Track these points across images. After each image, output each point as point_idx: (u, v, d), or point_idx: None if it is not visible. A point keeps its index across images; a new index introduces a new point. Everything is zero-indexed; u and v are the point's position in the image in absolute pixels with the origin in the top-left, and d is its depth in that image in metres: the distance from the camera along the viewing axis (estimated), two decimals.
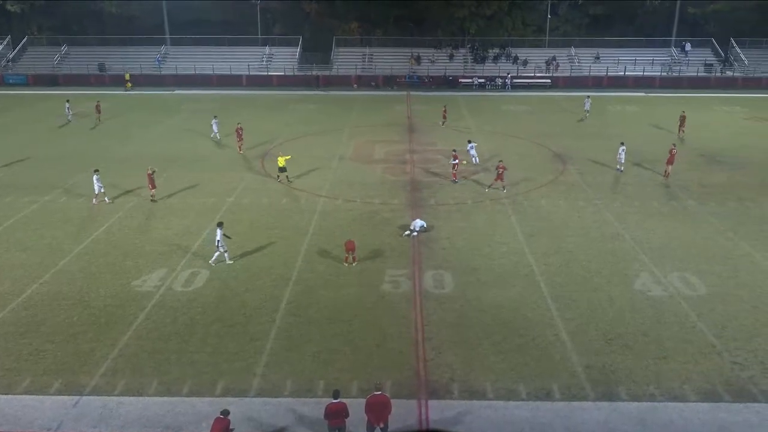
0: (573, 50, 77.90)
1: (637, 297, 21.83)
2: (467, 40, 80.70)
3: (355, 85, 72.05)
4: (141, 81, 70.46)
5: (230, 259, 24.42)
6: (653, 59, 74.85)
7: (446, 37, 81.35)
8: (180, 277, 23.21)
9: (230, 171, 36.79)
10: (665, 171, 35.67)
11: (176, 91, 67.28)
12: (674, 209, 30.70)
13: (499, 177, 32.52)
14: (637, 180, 35.34)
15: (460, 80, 72.55)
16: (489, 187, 33.18)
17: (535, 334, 19.50)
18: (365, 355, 18.37)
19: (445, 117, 50.51)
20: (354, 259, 24.30)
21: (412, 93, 67.88)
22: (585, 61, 75.93)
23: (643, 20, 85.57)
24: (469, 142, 38.93)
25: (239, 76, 72.63)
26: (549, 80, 72.50)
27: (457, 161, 34.55)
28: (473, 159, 38.05)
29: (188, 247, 25.90)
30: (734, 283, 22.97)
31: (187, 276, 23.33)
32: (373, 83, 72.45)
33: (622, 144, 37.21)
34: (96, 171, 31.15)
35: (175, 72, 72.44)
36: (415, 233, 26.80)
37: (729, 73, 74.18)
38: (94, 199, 30.99)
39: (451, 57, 76.80)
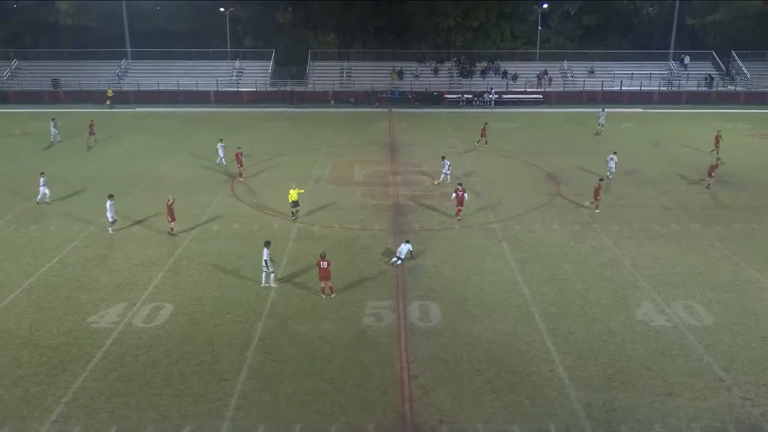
0: (565, 63, 79.18)
1: (638, 328, 21.92)
2: (453, 53, 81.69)
3: (332, 102, 72.50)
4: (98, 98, 70.25)
5: (275, 282, 24.73)
6: (651, 73, 76.24)
7: (430, 50, 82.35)
8: (141, 312, 22.91)
9: (196, 194, 36.63)
10: (707, 184, 38.31)
11: (137, 109, 67.13)
12: (676, 232, 31.04)
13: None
14: (636, 201, 35.74)
15: (446, 96, 73.19)
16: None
17: (530, 369, 19.46)
18: (345, 396, 18.19)
19: (484, 135, 49.94)
20: (331, 289, 24.19)
21: (394, 110, 68.40)
22: (578, 75, 77.16)
23: (639, 32, 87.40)
24: (443, 158, 39.33)
25: (207, 92, 72.80)
26: (540, 96, 73.45)
27: (458, 195, 32.26)
28: (446, 176, 38.81)
29: (150, 278, 25.63)
30: (742, 311, 23.17)
31: (148, 311, 23.04)
32: (351, 99, 72.92)
33: (614, 153, 39.49)
34: (110, 196, 30.86)
35: (136, 88, 72.42)
36: (399, 262, 26.79)
37: (731, 88, 75.71)
38: (110, 228, 30.65)
39: (435, 71, 77.64)
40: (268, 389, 18.44)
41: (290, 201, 32.23)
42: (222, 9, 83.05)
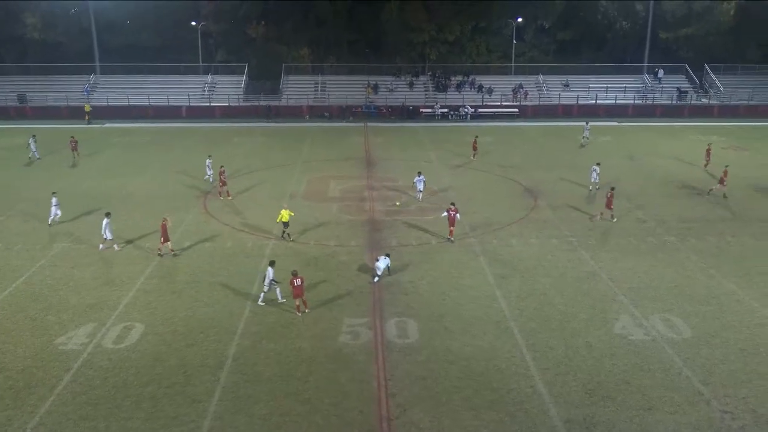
0: (541, 77, 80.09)
1: (617, 342, 22.07)
2: (428, 67, 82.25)
3: (306, 116, 72.50)
4: (65, 114, 69.60)
5: (283, 297, 24.68)
6: (625, 86, 77.37)
7: (405, 64, 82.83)
8: (110, 333, 22.56)
9: (167, 212, 36.19)
10: (723, 194, 39.17)
11: (107, 125, 66.53)
12: (653, 246, 31.38)
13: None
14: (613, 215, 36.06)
15: (421, 110, 73.59)
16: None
17: (510, 386, 19.47)
18: (322, 416, 18.04)
19: (475, 149, 50.59)
20: (305, 304, 24.13)
21: (369, 124, 68.57)
22: (554, 88, 78.03)
23: (613, 45, 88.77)
24: (419, 174, 38.85)
25: (178, 107, 72.40)
26: (516, 109, 74.14)
27: (449, 215, 31.33)
28: (418, 194, 38.40)
29: (120, 298, 25.28)
30: (720, 324, 23.44)
31: (118, 331, 22.70)
32: (326, 114, 72.97)
33: (597, 164, 40.12)
34: (107, 214, 30.57)
35: (106, 103, 71.79)
36: (377, 279, 26.73)
37: (704, 101, 77.07)
38: (100, 245, 30.46)
39: (410, 85, 78.08)
40: (242, 411, 18.22)
41: (281, 222, 31.37)
42: (193, 23, 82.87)
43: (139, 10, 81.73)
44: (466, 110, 72.40)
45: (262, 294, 24.76)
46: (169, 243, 29.58)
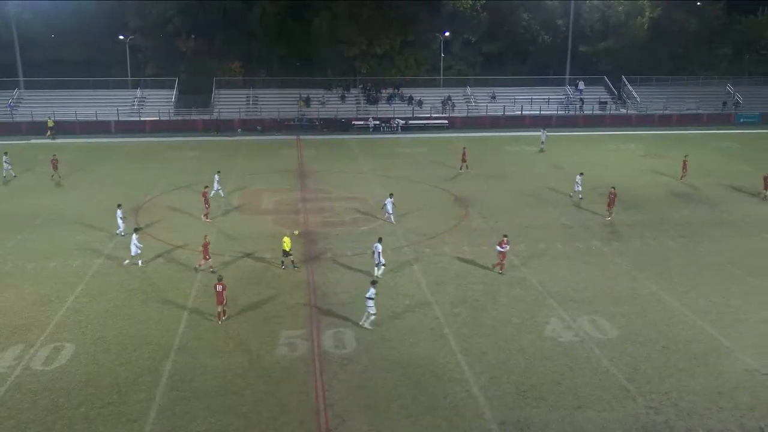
0: (468, 89, 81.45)
1: (548, 344, 22.56)
2: (359, 80, 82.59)
3: (239, 130, 71.60)
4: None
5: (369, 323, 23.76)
6: (549, 98, 79.49)
7: (337, 77, 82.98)
8: (39, 354, 21.70)
9: (97, 228, 35.23)
10: (609, 212, 37.71)
11: (33, 141, 64.11)
12: (579, 250, 32.26)
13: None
14: (540, 223, 36.94)
15: (353, 122, 73.82)
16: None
17: (446, 391, 19.63)
18: (260, 430, 17.77)
19: (464, 160, 50.17)
20: (224, 313, 24.07)
21: (302, 137, 68.29)
22: (481, 100, 79.47)
23: (536, 58, 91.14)
24: (390, 195, 36.60)
25: (107, 122, 70.39)
26: (446, 121, 75.15)
27: (505, 249, 29.15)
28: (389, 216, 36.38)
29: (49, 318, 24.34)
30: (643, 323, 24.27)
31: (48, 352, 21.84)
32: (259, 127, 72.28)
33: (581, 174, 41.10)
34: (136, 230, 30.07)
35: (30, 119, 69.18)
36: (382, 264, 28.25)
37: (623, 111, 79.90)
38: (139, 261, 29.83)
39: (342, 98, 78.20)
40: (179, 428, 17.78)
41: (283, 250, 29.35)
42: (121, 37, 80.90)
43: (64, 24, 79.24)
44: (397, 122, 73.00)
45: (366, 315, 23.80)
46: (210, 260, 28.93)
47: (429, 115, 76.30)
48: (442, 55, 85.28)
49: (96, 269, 29.34)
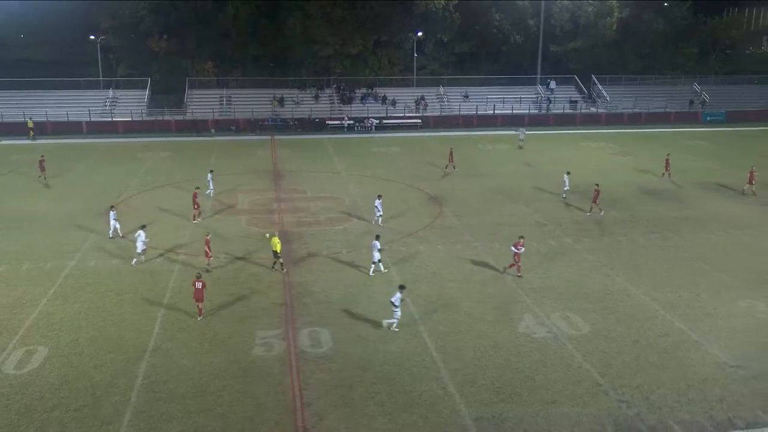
0: (441, 89, 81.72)
1: (522, 341, 22.71)
2: (333, 80, 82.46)
3: (212, 130, 71.02)
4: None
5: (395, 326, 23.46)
6: (521, 97, 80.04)
7: (310, 77, 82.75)
8: (12, 358, 21.32)
9: (70, 230, 34.75)
10: (590, 207, 38.67)
11: (2, 142, 62.98)
12: (551, 248, 32.53)
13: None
14: (513, 220, 37.18)
15: (327, 122, 73.68)
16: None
17: (422, 389, 19.68)
18: (237, 431, 17.66)
19: (451, 160, 50.16)
20: (200, 311, 24.19)
21: (276, 137, 67.98)
22: (454, 100, 79.76)
23: (508, 58, 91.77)
24: (379, 197, 36.00)
25: (78, 123, 69.41)
26: (419, 120, 75.32)
27: (520, 250, 28.53)
28: (377, 218, 35.70)
29: (21, 321, 23.94)
30: (615, 318, 24.55)
31: (20, 356, 21.47)
32: (233, 127, 71.81)
33: (567, 173, 41.77)
34: (143, 227, 29.96)
35: (0, 120, 67.96)
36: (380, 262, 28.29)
37: (593, 110, 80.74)
38: (141, 257, 29.82)
39: (316, 98, 78.02)
40: (155, 430, 17.61)
41: (273, 251, 28.71)
42: (92, 37, 79.83)
43: (35, 24, 78.07)
44: (370, 122, 73.01)
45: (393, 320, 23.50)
46: (210, 258, 29.02)
47: (403, 115, 76.47)
48: (415, 55, 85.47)
49: (69, 271, 28.93)
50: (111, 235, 33.31)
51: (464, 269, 29.49)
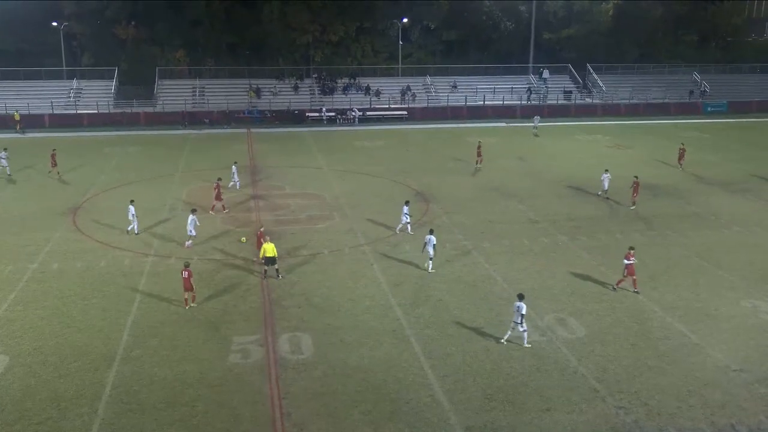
0: (428, 79, 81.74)
1: (514, 345, 22.78)
2: (313, 69, 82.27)
3: (185, 123, 70.64)
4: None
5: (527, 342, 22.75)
6: (512, 87, 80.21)
7: (289, 66, 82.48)
8: None
9: (31, 230, 34.46)
10: (632, 201, 39.38)
11: None
12: (545, 246, 32.68)
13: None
14: (505, 218, 37.32)
15: (307, 114, 73.43)
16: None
17: (409, 396, 19.71)
18: None
19: (479, 155, 49.62)
20: (193, 299, 25.09)
21: (253, 130, 67.75)
22: (442, 90, 79.83)
23: (498, 46, 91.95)
24: (407, 203, 34.45)
25: (40, 116, 68.79)
26: (405, 112, 75.33)
27: (632, 261, 27.08)
28: (405, 225, 33.99)
29: None
30: (611, 321, 24.70)
31: None
32: (206, 120, 71.41)
33: (606, 171, 41.38)
34: (193, 210, 31.65)
35: None
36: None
37: (588, 100, 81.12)
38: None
39: (295, 88, 77.80)
40: None
41: (264, 257, 27.87)
42: (55, 23, 79.10)
43: None
44: (353, 114, 72.92)
45: (525, 334, 22.63)
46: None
47: (387, 106, 76.41)
48: (401, 42, 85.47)
49: (31, 275, 28.68)
50: (136, 231, 33.85)
51: (453, 269, 29.54)
